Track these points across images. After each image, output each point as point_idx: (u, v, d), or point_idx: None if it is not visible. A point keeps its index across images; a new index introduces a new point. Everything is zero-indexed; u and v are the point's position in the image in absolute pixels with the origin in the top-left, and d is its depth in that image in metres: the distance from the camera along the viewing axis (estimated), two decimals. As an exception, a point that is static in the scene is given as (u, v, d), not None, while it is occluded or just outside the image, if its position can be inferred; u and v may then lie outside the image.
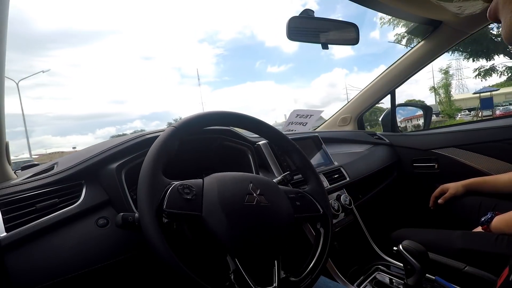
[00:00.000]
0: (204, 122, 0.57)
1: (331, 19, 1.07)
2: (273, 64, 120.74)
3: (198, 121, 0.56)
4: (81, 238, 0.53)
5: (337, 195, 1.01)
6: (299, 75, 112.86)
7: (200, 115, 0.57)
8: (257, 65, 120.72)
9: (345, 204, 0.98)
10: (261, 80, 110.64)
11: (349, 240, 0.99)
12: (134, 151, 0.65)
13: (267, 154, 0.92)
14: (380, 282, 0.84)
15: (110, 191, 0.60)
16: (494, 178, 1.00)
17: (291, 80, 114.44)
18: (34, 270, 0.47)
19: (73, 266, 0.50)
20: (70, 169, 0.62)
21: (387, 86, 1.51)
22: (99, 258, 0.53)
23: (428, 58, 1.36)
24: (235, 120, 0.61)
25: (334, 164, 1.11)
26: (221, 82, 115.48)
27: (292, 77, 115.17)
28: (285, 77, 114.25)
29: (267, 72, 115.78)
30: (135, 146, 0.66)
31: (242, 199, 0.50)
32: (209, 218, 0.46)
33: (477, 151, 1.28)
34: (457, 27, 1.18)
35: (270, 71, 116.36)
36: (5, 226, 0.49)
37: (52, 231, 0.51)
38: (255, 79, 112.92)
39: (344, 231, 0.98)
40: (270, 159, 0.91)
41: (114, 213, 0.58)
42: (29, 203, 0.53)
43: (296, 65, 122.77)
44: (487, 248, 0.73)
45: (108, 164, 0.62)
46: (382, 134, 1.61)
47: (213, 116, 0.58)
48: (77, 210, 0.55)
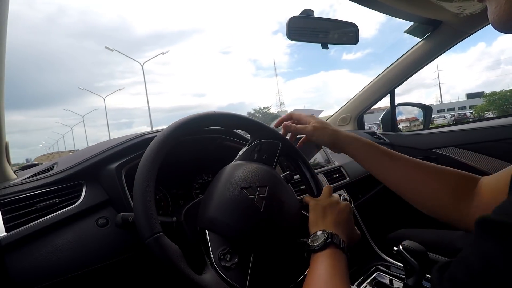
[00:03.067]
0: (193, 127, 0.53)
1: (331, 19, 1.07)
2: (348, 51, 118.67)
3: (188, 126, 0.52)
4: (81, 238, 0.53)
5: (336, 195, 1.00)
6: (377, 62, 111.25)
7: (204, 114, 0.55)
8: (331, 53, 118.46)
9: (345, 204, 0.98)
10: (335, 69, 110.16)
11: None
12: (134, 151, 0.65)
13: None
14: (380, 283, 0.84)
15: (110, 191, 0.60)
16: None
17: (368, 67, 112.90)
18: (34, 270, 0.47)
19: (73, 265, 0.50)
20: (70, 169, 0.61)
21: (387, 85, 1.51)
22: (99, 258, 0.53)
23: (428, 58, 1.36)
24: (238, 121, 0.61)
25: (334, 163, 1.11)
26: (294, 73, 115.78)
27: (369, 65, 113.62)
28: (361, 65, 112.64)
29: (341, 60, 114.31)
30: (135, 146, 0.66)
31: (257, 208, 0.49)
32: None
33: (477, 151, 1.28)
34: (457, 27, 1.18)
35: (346, 58, 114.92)
36: (5, 226, 0.49)
37: (52, 231, 0.51)
38: (329, 68, 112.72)
39: (344, 231, 0.97)
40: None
41: (114, 213, 0.58)
42: (29, 203, 0.53)
43: (374, 50, 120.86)
44: None
45: (108, 164, 0.62)
46: (382, 134, 1.61)
47: (214, 117, 0.57)
48: (77, 210, 0.55)
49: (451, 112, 30.26)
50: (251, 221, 0.47)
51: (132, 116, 70.73)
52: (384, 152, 0.56)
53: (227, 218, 0.46)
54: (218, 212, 0.47)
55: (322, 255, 0.44)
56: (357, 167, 1.20)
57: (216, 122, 0.57)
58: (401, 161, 0.55)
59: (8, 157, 0.67)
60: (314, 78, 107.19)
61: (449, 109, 40.86)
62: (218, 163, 0.63)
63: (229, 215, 0.47)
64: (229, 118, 0.59)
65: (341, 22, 1.10)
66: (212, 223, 0.47)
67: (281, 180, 0.56)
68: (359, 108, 1.67)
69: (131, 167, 0.63)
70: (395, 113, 1.61)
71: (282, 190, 0.53)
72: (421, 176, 0.52)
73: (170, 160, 0.49)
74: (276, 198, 0.51)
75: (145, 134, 0.70)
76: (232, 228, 0.46)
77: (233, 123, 0.61)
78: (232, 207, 0.47)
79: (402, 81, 1.48)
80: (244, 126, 0.63)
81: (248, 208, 0.47)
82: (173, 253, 0.39)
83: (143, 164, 0.45)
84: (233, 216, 0.47)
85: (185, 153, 0.76)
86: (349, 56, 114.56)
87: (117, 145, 0.65)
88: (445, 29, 1.21)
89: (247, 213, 0.47)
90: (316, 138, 0.60)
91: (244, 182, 0.50)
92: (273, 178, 0.54)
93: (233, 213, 0.47)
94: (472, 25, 1.17)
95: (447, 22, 1.18)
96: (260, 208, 0.48)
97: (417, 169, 0.52)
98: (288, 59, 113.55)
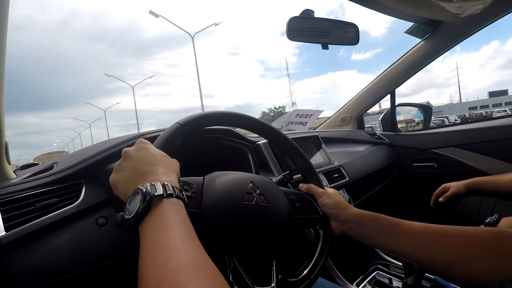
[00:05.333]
0: (208, 121, 0.57)
1: (331, 19, 1.07)
2: (358, 50, 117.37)
3: (202, 120, 0.56)
4: (81, 237, 0.53)
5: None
6: (386, 62, 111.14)
7: (204, 114, 0.56)
8: (340, 53, 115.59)
9: (344, 204, 0.98)
10: (343, 70, 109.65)
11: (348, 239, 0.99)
12: None
13: (267, 153, 0.92)
14: (379, 282, 0.84)
15: (109, 190, 0.60)
16: (496, 178, 1.00)
17: (376, 67, 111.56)
18: (33, 270, 0.47)
19: (72, 265, 0.50)
20: (70, 169, 0.61)
21: (387, 86, 1.51)
22: (98, 257, 0.53)
23: (428, 58, 1.36)
24: (239, 120, 0.61)
25: (334, 163, 1.11)
26: (302, 74, 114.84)
27: (378, 65, 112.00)
28: (370, 65, 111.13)
29: (351, 60, 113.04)
30: None
31: (241, 198, 0.49)
32: (207, 215, 0.46)
33: (476, 151, 1.28)
34: (457, 27, 1.18)
35: (354, 58, 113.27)
36: (5, 225, 0.48)
37: (51, 230, 0.51)
38: (337, 69, 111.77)
39: (343, 230, 0.98)
40: (269, 159, 0.91)
41: (113, 212, 0.58)
42: (29, 203, 0.53)
43: (383, 50, 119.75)
44: None
45: (108, 163, 0.62)
46: (381, 134, 1.62)
47: (215, 116, 0.57)
48: (76, 209, 0.55)
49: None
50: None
51: (141, 118, 72.78)
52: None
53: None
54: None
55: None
56: (356, 166, 1.20)
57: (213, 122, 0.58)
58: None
59: (7, 157, 0.67)
60: (322, 79, 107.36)
61: (470, 108, 40.58)
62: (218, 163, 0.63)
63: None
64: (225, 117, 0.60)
65: (341, 22, 1.10)
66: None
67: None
68: (359, 108, 1.67)
69: None
70: (395, 113, 1.61)
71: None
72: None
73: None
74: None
75: (145, 133, 0.70)
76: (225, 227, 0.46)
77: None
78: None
79: (402, 81, 1.49)
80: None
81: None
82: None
83: (157, 141, 0.47)
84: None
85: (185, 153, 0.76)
86: (358, 56, 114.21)
87: (117, 145, 0.65)
88: (445, 29, 1.21)
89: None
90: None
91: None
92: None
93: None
94: (472, 26, 1.17)
95: (447, 22, 1.18)
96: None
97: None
98: (297, 60, 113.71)
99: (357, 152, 1.34)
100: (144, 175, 0.40)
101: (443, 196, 1.04)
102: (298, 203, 0.59)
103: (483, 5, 0.87)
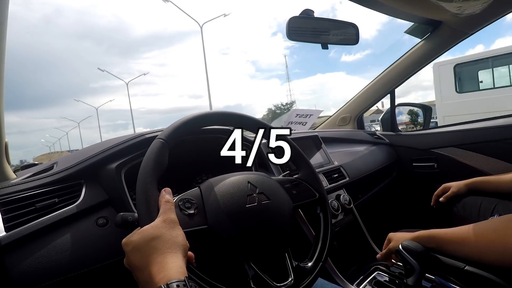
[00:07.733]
0: (192, 127, 0.54)
1: (331, 19, 1.07)
2: (348, 52, 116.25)
3: (186, 126, 0.52)
4: (81, 237, 0.53)
5: (336, 194, 1.01)
6: (376, 64, 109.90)
7: (185, 120, 0.53)
8: (331, 54, 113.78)
9: (344, 204, 0.98)
10: (332, 72, 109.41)
11: (348, 239, 0.99)
12: (133, 151, 0.64)
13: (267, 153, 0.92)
14: (380, 282, 0.84)
15: (109, 190, 0.60)
16: (497, 178, 1.00)
17: (365, 70, 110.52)
18: (33, 270, 0.47)
19: (73, 265, 0.50)
20: (70, 169, 0.61)
21: (386, 86, 1.51)
22: (99, 257, 0.53)
23: (427, 58, 1.36)
24: (219, 117, 0.60)
25: (334, 163, 1.11)
26: (292, 75, 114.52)
27: (366, 67, 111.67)
28: (358, 67, 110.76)
29: (340, 62, 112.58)
30: (134, 145, 0.66)
31: (243, 203, 0.50)
32: (215, 229, 0.46)
33: (476, 151, 1.28)
34: (457, 27, 1.18)
35: (344, 60, 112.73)
36: (5, 225, 0.49)
37: (51, 230, 0.51)
38: (326, 71, 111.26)
39: (343, 230, 0.98)
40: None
41: (113, 212, 0.58)
42: (29, 203, 0.53)
43: (373, 51, 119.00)
44: None
45: (108, 163, 0.62)
46: (381, 134, 1.62)
47: (198, 118, 0.55)
48: (76, 209, 0.55)
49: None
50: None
51: (128, 118, 72.81)
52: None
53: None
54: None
55: None
56: (356, 166, 1.20)
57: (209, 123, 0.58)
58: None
59: (7, 157, 0.67)
60: (311, 80, 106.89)
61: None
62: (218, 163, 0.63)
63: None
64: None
65: (341, 22, 1.10)
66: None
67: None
68: (359, 108, 1.67)
69: (131, 167, 0.63)
70: (395, 113, 1.61)
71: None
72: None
73: (169, 160, 0.50)
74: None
75: (144, 133, 0.70)
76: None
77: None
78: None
79: (402, 81, 1.49)
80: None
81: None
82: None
83: (144, 166, 0.46)
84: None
85: (185, 153, 0.76)
86: (348, 58, 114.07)
87: (117, 145, 0.65)
88: (445, 29, 1.21)
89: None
90: None
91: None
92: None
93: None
94: (472, 26, 1.17)
95: (447, 22, 1.18)
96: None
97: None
98: (287, 61, 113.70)
99: (357, 152, 1.34)
100: (151, 279, 0.36)
101: (443, 196, 1.04)
102: (294, 190, 0.60)
103: (482, 5, 0.87)
